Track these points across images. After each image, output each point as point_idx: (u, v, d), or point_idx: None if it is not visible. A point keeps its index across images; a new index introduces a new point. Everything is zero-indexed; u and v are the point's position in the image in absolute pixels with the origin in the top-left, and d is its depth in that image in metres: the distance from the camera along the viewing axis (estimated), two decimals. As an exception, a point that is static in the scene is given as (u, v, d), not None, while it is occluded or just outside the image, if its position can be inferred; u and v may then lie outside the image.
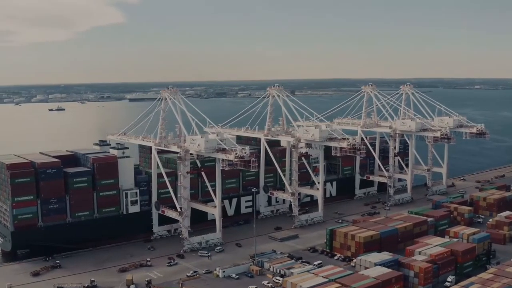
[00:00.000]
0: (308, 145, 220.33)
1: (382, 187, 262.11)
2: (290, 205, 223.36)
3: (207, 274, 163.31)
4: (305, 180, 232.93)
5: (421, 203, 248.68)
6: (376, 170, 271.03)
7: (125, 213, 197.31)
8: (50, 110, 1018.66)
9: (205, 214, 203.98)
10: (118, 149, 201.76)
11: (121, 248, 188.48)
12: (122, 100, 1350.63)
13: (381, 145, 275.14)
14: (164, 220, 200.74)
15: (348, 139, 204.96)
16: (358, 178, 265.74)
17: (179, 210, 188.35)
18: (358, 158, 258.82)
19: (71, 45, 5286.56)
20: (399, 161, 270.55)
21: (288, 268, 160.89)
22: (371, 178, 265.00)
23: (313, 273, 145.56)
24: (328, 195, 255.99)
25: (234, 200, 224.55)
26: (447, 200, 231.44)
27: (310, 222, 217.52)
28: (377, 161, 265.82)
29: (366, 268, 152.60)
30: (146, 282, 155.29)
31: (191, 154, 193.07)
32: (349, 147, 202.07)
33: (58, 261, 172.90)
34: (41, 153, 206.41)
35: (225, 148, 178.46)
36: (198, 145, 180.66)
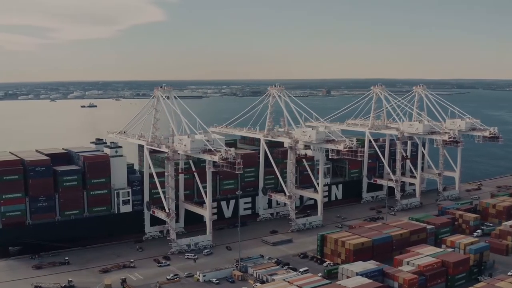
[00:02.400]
0: (307, 146, 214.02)
1: (392, 191, 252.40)
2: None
3: (188, 277, 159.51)
4: (309, 182, 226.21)
5: (430, 208, 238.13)
6: (385, 173, 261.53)
7: (116, 212, 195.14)
8: (82, 106, 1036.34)
9: (201, 215, 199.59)
10: (111, 147, 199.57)
11: (109, 248, 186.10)
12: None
13: (392, 147, 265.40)
14: (157, 220, 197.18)
15: (345, 141, 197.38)
16: (365, 181, 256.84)
17: (167, 211, 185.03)
18: (365, 161, 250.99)
19: (112, 43, 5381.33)
20: (410, 165, 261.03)
21: (271, 274, 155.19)
22: (379, 181, 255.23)
23: (288, 281, 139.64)
24: (333, 198, 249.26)
25: (232, 202, 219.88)
26: (453, 206, 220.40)
27: (308, 226, 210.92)
28: (386, 164, 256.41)
29: (348, 277, 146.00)
30: (120, 281, 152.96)
31: (185, 154, 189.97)
32: (346, 149, 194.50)
33: (67, 258, 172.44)
34: (37, 150, 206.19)
35: (211, 149, 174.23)
36: (185, 145, 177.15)
